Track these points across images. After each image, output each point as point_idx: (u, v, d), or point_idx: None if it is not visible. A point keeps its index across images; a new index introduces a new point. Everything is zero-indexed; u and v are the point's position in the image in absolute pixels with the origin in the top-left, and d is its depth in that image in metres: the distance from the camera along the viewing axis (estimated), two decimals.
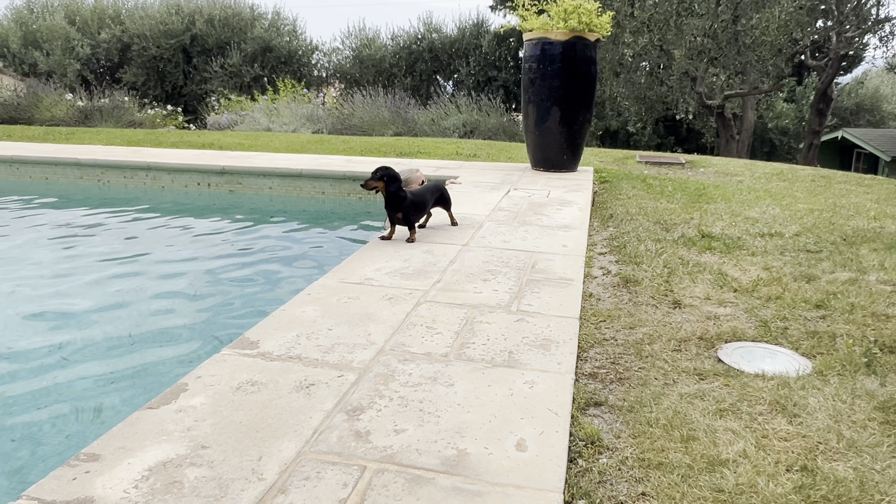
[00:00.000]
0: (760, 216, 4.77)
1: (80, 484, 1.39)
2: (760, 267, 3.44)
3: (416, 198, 3.61)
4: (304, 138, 10.39)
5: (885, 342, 2.47)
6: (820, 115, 19.50)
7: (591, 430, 1.81)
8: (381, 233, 3.69)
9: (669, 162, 8.48)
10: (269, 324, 2.28)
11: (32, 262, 4.77)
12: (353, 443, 1.57)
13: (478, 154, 8.44)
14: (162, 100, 19.65)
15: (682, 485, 1.58)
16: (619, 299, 2.93)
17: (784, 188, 6.36)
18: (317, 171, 6.67)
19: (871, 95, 28.70)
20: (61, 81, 18.33)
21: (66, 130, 11.15)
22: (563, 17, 5.67)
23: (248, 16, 20.80)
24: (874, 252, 3.79)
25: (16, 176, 7.50)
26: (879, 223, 4.62)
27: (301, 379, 1.87)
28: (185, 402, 1.73)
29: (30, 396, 2.85)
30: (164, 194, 6.96)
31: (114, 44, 20.21)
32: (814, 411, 1.95)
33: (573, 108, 5.93)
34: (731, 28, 15.76)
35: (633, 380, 2.15)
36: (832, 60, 18.29)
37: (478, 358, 2.05)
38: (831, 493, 1.57)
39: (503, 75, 20.69)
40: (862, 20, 16.91)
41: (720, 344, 2.44)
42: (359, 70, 21.01)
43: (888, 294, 3.02)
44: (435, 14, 37.51)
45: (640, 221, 4.52)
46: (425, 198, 3.73)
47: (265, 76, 19.53)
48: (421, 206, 3.68)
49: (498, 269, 2.98)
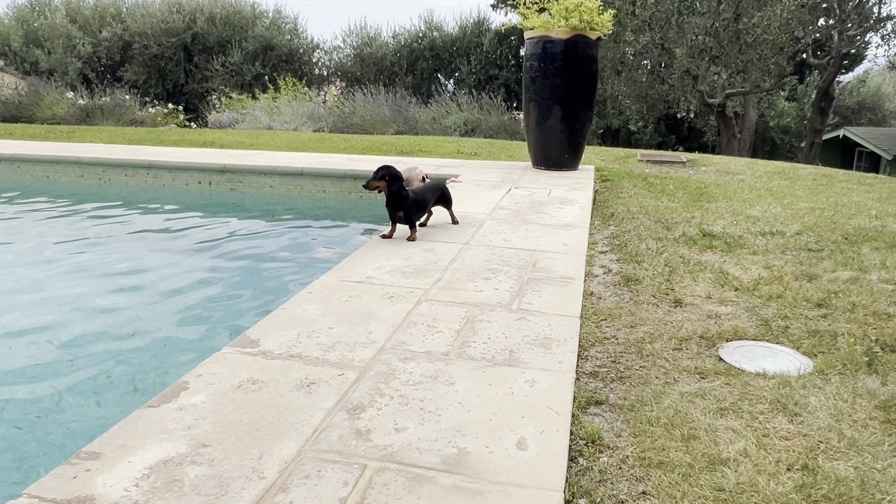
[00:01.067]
0: (762, 215, 4.76)
1: (80, 482, 1.39)
2: (762, 266, 3.43)
3: (418, 197, 3.61)
4: (305, 137, 10.39)
5: (886, 341, 2.46)
6: (821, 113, 19.48)
7: (591, 429, 1.81)
8: (383, 231, 3.69)
9: (671, 160, 8.47)
10: (270, 322, 2.28)
11: (33, 259, 4.78)
12: (353, 441, 1.57)
13: (479, 152, 8.43)
14: (163, 98, 19.65)
15: (682, 484, 1.58)
16: (620, 298, 2.93)
17: (785, 187, 6.36)
18: (318, 170, 6.66)
19: (872, 94, 28.66)
20: (62, 80, 18.35)
21: (67, 129, 11.15)
22: (564, 16, 5.66)
23: (249, 14, 20.80)
24: (875, 251, 3.78)
25: (17, 174, 7.50)
26: (881, 222, 4.62)
27: (302, 377, 1.87)
28: (185, 401, 1.73)
29: (28, 395, 2.86)
30: (165, 193, 6.96)
31: (115, 42, 20.22)
32: (815, 410, 1.94)
33: (574, 106, 5.92)
34: (733, 26, 15.73)
35: (633, 378, 2.14)
36: (834, 59, 18.26)
37: (478, 356, 2.05)
38: (832, 492, 1.56)
39: (504, 74, 20.67)
40: (864, 18, 16.88)
41: (721, 343, 2.44)
42: (360, 68, 21.01)
43: (889, 293, 3.01)
44: (436, 12, 37.45)
45: (642, 220, 4.52)
46: (426, 196, 3.72)
47: (266, 74, 19.53)
48: (422, 204, 3.68)
49: (499, 268, 2.98)
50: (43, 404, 2.79)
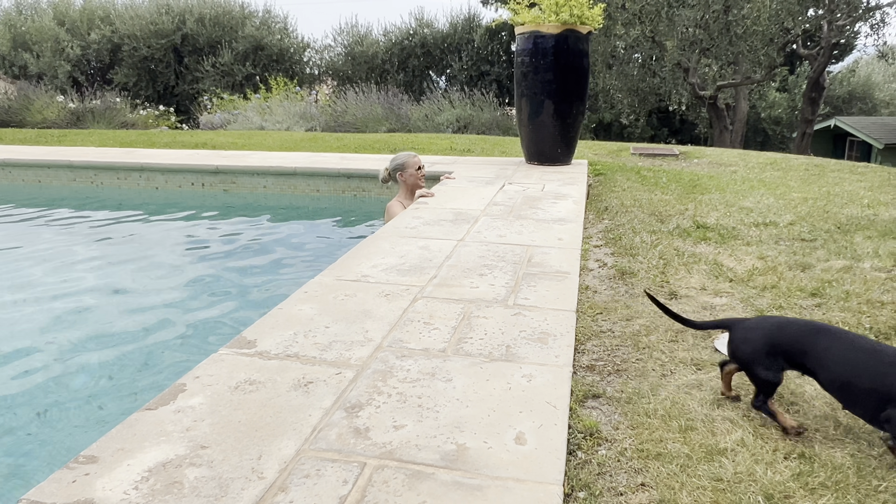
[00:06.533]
0: (755, 206, 4.78)
1: (79, 486, 1.39)
2: (755, 256, 3.45)
3: None
4: (297, 136, 10.36)
5: (880, 329, 2.48)
6: (812, 103, 19.54)
7: (589, 423, 1.82)
8: (378, 228, 3.69)
9: (663, 153, 8.49)
10: (267, 322, 2.28)
11: (28, 263, 4.75)
12: (352, 440, 1.57)
13: (472, 149, 8.43)
14: (154, 100, 19.56)
15: (680, 474, 1.59)
16: (616, 291, 2.94)
17: (778, 177, 6.38)
18: (311, 169, 6.65)
19: (863, 83, 28.78)
20: (52, 83, 18.23)
21: (58, 132, 11.09)
22: (554, 10, 5.66)
23: (238, 14, 20.69)
24: (868, 240, 3.80)
25: (8, 179, 7.46)
26: (873, 211, 4.64)
27: (299, 377, 1.87)
28: (183, 403, 1.73)
29: (27, 397, 2.85)
30: (158, 195, 6.94)
31: (104, 44, 20.09)
32: (810, 399, 1.96)
33: (566, 101, 5.92)
34: (723, 18, 15.76)
35: (630, 371, 2.15)
36: (824, 49, 18.32)
37: (475, 352, 2.05)
38: (829, 479, 1.58)
39: (496, 69, 20.65)
40: (853, 8, 16.93)
41: (716, 334, 2.45)
42: (351, 67, 20.96)
43: (882, 281, 3.03)
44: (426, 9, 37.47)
45: (635, 213, 4.53)
46: None
47: (257, 74, 19.46)
48: None
49: (494, 264, 2.98)
50: (41, 408, 2.78)
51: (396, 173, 4.69)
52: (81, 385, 2.99)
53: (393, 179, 4.77)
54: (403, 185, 4.70)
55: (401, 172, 4.67)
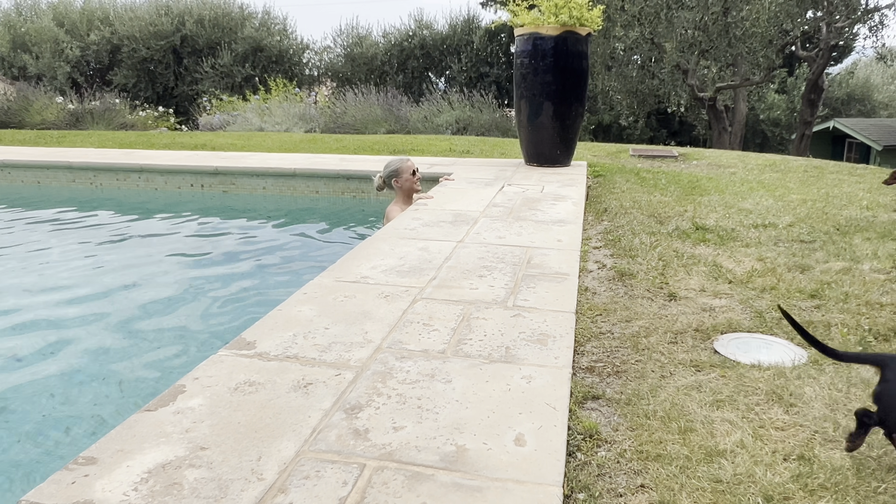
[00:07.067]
0: (754, 207, 4.79)
1: (79, 487, 1.39)
2: (755, 258, 3.45)
3: None
4: (296, 138, 10.36)
5: (879, 330, 2.48)
6: (811, 105, 19.56)
7: (589, 424, 1.82)
8: (378, 230, 3.69)
9: (662, 155, 8.50)
10: (266, 324, 2.27)
11: (25, 264, 4.75)
12: (352, 441, 1.57)
13: (471, 150, 8.44)
14: (153, 101, 19.54)
15: (680, 476, 1.59)
16: (615, 293, 2.94)
17: (777, 179, 6.39)
18: (310, 171, 6.66)
19: (861, 85, 28.82)
20: (51, 84, 18.21)
21: (57, 134, 11.09)
22: (553, 12, 5.67)
23: (237, 16, 20.69)
24: (867, 241, 3.81)
25: (7, 181, 7.46)
26: (872, 212, 4.65)
27: (299, 378, 1.87)
28: (182, 404, 1.73)
29: (26, 398, 2.85)
30: (157, 196, 6.93)
31: (103, 46, 20.08)
32: (810, 400, 1.96)
33: (565, 102, 5.93)
34: (722, 20, 15.78)
35: (630, 373, 2.15)
36: (823, 51, 18.34)
37: (475, 354, 2.05)
38: (829, 480, 1.58)
39: (495, 71, 20.66)
40: (851, 10, 16.95)
41: (716, 335, 2.45)
42: (350, 68, 20.95)
43: (881, 282, 3.03)
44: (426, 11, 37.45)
45: (635, 215, 4.53)
46: None
47: (256, 76, 19.45)
48: None
49: (493, 265, 2.99)
50: (40, 409, 2.78)
51: (391, 180, 4.63)
52: (80, 385, 2.99)
53: (388, 186, 4.72)
54: (400, 192, 4.64)
55: (396, 178, 4.61)
